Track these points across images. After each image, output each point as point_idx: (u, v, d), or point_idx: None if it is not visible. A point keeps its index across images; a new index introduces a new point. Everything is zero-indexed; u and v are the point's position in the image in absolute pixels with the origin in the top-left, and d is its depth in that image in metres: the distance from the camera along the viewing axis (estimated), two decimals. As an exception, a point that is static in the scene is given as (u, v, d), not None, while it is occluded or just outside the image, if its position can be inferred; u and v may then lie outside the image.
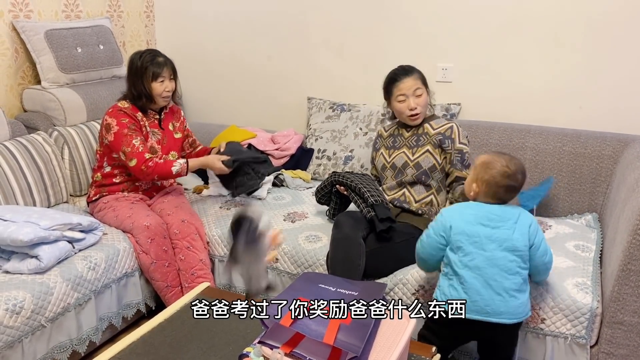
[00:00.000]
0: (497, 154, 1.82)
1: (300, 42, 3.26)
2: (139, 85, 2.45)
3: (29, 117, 2.76)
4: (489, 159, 1.80)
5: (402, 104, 2.29)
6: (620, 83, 2.61)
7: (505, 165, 1.76)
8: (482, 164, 1.80)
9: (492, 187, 1.77)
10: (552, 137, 2.60)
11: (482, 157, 1.83)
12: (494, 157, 1.80)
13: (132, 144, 2.40)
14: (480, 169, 1.80)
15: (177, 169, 2.43)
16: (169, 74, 2.48)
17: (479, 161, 1.82)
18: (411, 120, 2.30)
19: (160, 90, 2.46)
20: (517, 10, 2.72)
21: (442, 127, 2.30)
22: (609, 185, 2.48)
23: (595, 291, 1.93)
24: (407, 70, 2.32)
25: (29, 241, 1.94)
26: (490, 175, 1.77)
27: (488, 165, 1.78)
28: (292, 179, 2.93)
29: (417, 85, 2.27)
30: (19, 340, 1.86)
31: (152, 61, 2.45)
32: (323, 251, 2.24)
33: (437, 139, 2.28)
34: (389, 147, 2.40)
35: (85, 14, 3.14)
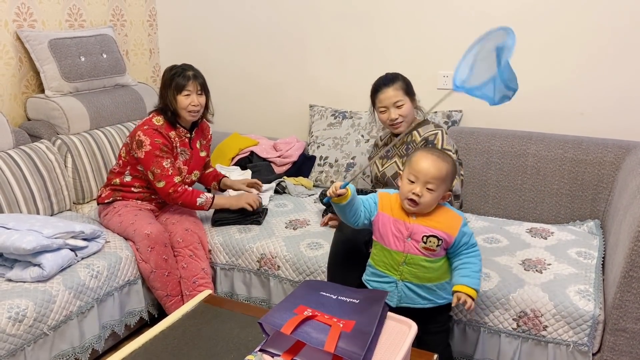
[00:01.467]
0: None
1: (302, 50, 3.27)
2: (166, 97, 2.44)
3: (32, 126, 2.77)
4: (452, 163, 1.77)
5: (383, 115, 2.27)
6: (622, 90, 2.61)
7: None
8: (453, 172, 1.78)
9: None
10: (553, 143, 2.61)
11: (445, 166, 1.75)
12: (448, 158, 1.78)
13: (162, 166, 2.39)
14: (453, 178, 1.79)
15: (201, 202, 2.44)
16: (195, 88, 2.44)
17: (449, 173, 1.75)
18: (393, 128, 2.28)
19: (185, 104, 2.42)
20: (518, 18, 2.73)
21: (428, 133, 2.25)
22: (610, 192, 2.48)
23: (598, 298, 1.93)
24: (389, 79, 2.27)
25: (31, 249, 1.95)
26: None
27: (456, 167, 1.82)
28: (294, 186, 2.94)
29: (398, 97, 2.23)
30: (22, 348, 1.87)
31: (180, 74, 2.44)
32: (325, 258, 2.25)
33: (421, 145, 2.23)
34: (383, 156, 2.38)
35: (89, 23, 3.16)
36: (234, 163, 3.11)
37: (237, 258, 2.42)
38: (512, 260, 2.18)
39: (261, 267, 2.38)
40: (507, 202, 2.69)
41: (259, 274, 2.40)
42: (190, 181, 2.60)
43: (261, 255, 2.37)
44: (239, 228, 2.50)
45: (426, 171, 1.71)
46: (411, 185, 1.73)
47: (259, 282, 2.41)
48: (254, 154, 3.12)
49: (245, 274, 2.43)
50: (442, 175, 1.70)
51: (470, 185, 2.74)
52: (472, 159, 2.74)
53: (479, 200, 2.74)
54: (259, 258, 2.38)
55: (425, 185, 1.71)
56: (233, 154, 3.12)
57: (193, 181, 2.63)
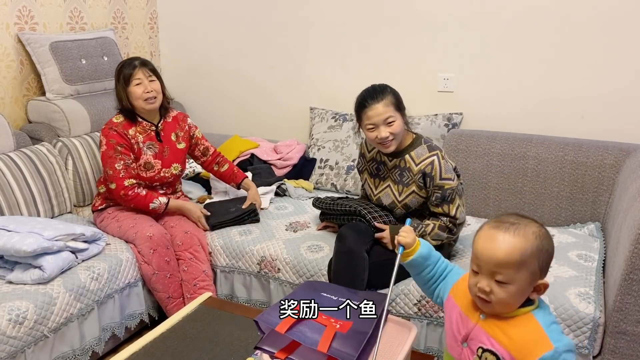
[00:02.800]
0: (501, 223, 1.18)
1: (303, 52, 3.28)
2: (119, 92, 2.45)
3: (33, 128, 2.78)
4: (536, 238, 1.15)
5: (372, 133, 2.07)
6: (622, 93, 2.61)
7: (538, 224, 1.19)
8: (537, 251, 1.15)
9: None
10: (554, 146, 2.61)
11: (520, 244, 1.14)
12: (529, 230, 1.16)
13: (114, 167, 2.39)
14: (539, 258, 1.15)
15: (155, 207, 2.43)
16: (145, 75, 2.41)
17: (527, 253, 1.13)
18: (382, 147, 2.10)
19: (138, 93, 2.39)
20: (519, 21, 2.73)
21: (423, 162, 2.08)
22: (611, 195, 2.48)
23: (598, 301, 1.93)
24: (378, 92, 2.07)
25: (32, 251, 1.95)
26: (552, 251, 1.18)
27: (547, 243, 1.17)
28: (294, 189, 2.94)
29: (388, 113, 2.03)
30: (22, 350, 1.87)
31: (124, 65, 2.43)
32: (325, 261, 2.25)
33: (419, 179, 2.09)
34: (373, 174, 2.26)
35: (90, 25, 3.17)
36: (235, 165, 3.11)
37: (238, 260, 2.42)
38: (512, 262, 2.17)
39: (261, 269, 2.38)
40: (508, 205, 2.69)
41: (259, 277, 2.40)
42: (171, 174, 2.56)
43: (261, 258, 2.37)
44: (239, 230, 2.51)
45: (489, 257, 1.15)
46: (475, 278, 1.20)
47: (259, 285, 2.41)
48: (254, 156, 3.12)
49: (246, 276, 2.43)
50: (516, 260, 1.12)
51: (470, 187, 2.74)
52: (473, 162, 2.74)
53: (479, 203, 2.74)
54: (259, 260, 2.38)
55: (492, 277, 1.16)
56: (234, 157, 3.12)
57: (174, 174, 2.57)
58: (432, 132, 2.87)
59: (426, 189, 2.11)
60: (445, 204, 2.08)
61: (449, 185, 2.07)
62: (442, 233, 2.10)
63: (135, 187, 2.42)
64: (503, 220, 1.18)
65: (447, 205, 2.08)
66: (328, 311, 1.38)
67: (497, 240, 1.14)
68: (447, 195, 2.07)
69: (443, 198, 2.08)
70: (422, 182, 2.10)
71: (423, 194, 2.13)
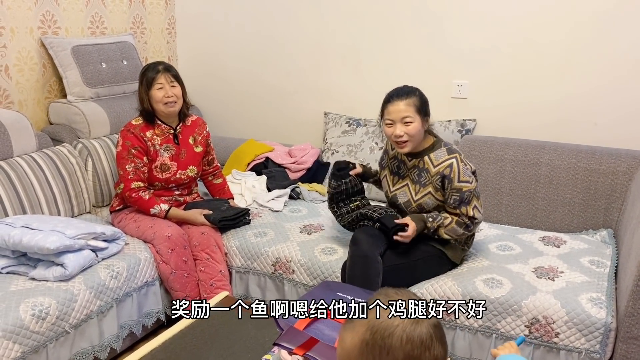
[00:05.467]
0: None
1: (318, 58, 3.33)
2: (141, 95, 2.52)
3: (54, 130, 2.85)
4: (365, 332, 0.90)
5: (389, 129, 2.12)
6: (635, 101, 2.63)
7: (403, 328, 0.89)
8: (367, 350, 0.89)
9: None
10: (567, 153, 2.63)
11: (355, 335, 0.91)
12: (364, 320, 0.91)
13: (124, 169, 2.47)
14: (375, 358, 0.89)
15: (155, 212, 2.48)
16: (167, 80, 2.48)
17: (354, 354, 0.91)
18: (397, 146, 2.14)
19: (159, 97, 2.47)
20: (532, 28, 2.76)
21: (441, 164, 2.11)
22: (624, 202, 2.49)
23: (610, 306, 1.94)
24: (405, 92, 2.11)
25: (55, 249, 2.01)
26: (400, 348, 0.88)
27: (380, 337, 0.89)
28: (308, 192, 2.98)
29: (408, 112, 2.06)
30: (44, 345, 1.92)
31: (148, 69, 2.51)
32: (339, 263, 2.28)
33: (437, 181, 2.12)
34: (394, 172, 2.29)
35: (110, 30, 3.24)
36: (250, 169, 3.16)
37: (253, 261, 2.47)
38: (524, 267, 2.20)
39: (276, 270, 2.42)
40: (520, 211, 2.71)
41: (273, 278, 2.44)
42: (187, 176, 2.61)
43: (276, 259, 2.41)
44: (255, 232, 2.55)
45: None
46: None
47: (274, 286, 2.45)
48: (269, 160, 3.17)
49: (260, 277, 2.47)
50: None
51: (484, 193, 2.76)
52: (486, 168, 2.76)
53: (492, 208, 2.76)
54: (274, 262, 2.42)
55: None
56: (249, 160, 3.17)
57: (190, 177, 2.63)
58: (445, 137, 2.87)
59: (443, 191, 2.14)
60: (463, 206, 2.12)
61: (467, 187, 2.10)
62: (459, 228, 2.14)
63: (140, 190, 2.48)
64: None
65: (465, 207, 2.12)
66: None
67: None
68: (465, 198, 2.10)
69: (461, 200, 2.11)
70: (439, 184, 2.13)
71: (439, 196, 2.16)
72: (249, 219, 2.65)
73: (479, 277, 2.13)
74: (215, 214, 2.55)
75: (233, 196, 2.86)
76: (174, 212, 2.51)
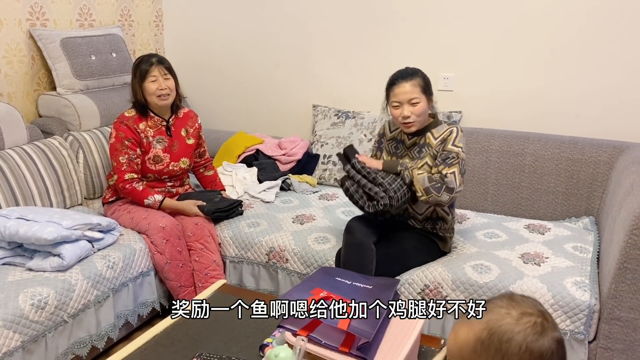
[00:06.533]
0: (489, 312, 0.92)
1: (306, 51, 3.36)
2: (135, 87, 2.54)
3: (44, 122, 2.84)
4: (482, 330, 0.90)
5: (396, 111, 2.16)
6: (616, 93, 2.72)
7: (515, 315, 0.89)
8: (481, 348, 0.89)
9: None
10: (550, 143, 2.71)
11: (471, 331, 0.91)
12: (484, 318, 0.91)
13: (118, 160, 2.49)
14: (488, 358, 0.89)
15: (149, 203, 2.51)
16: (160, 72, 2.50)
17: (467, 349, 0.91)
18: (404, 127, 2.18)
19: (153, 89, 2.49)
20: (516, 22, 2.83)
21: (443, 133, 2.17)
22: (605, 190, 2.59)
23: (593, 289, 2.03)
24: (409, 74, 2.16)
25: (52, 240, 2.02)
26: (517, 355, 0.86)
27: (498, 339, 0.88)
28: (298, 184, 3.02)
29: (414, 94, 2.12)
30: (43, 335, 1.94)
31: (142, 61, 2.52)
32: (332, 252, 2.33)
33: (437, 149, 2.16)
34: (391, 152, 2.31)
35: (98, 22, 3.24)
36: (240, 160, 3.19)
37: (247, 251, 2.50)
38: (511, 254, 2.28)
39: (270, 259, 2.46)
40: (506, 200, 2.79)
41: (267, 267, 2.48)
42: (180, 168, 2.64)
43: (270, 249, 2.45)
44: (248, 223, 2.59)
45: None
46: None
47: (268, 275, 2.50)
48: (259, 152, 3.20)
49: (254, 266, 2.51)
50: (453, 355, 0.96)
51: (470, 183, 2.84)
52: (472, 158, 2.84)
53: (478, 198, 2.84)
54: (267, 251, 2.46)
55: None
56: (239, 152, 3.20)
57: (182, 168, 2.66)
58: (432, 129, 2.97)
59: (437, 154, 2.15)
60: (444, 165, 2.10)
61: (456, 150, 2.11)
62: (427, 182, 2.08)
63: (134, 181, 2.50)
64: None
65: (445, 166, 2.10)
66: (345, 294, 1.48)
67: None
68: (449, 158, 2.10)
69: (445, 159, 2.11)
70: (437, 150, 2.14)
71: (434, 165, 2.15)
72: (242, 210, 2.68)
73: (468, 264, 2.20)
74: (209, 205, 2.58)
75: (225, 188, 2.89)
76: (167, 202, 2.54)
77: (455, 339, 0.93)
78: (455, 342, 0.93)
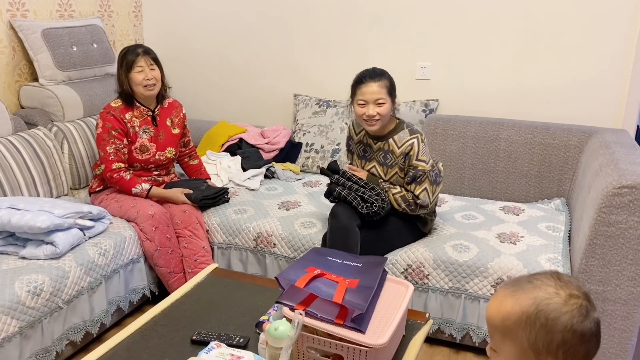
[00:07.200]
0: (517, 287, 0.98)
1: (286, 41, 3.42)
2: (121, 77, 2.57)
3: (27, 113, 2.84)
4: (529, 305, 0.94)
5: (361, 109, 2.23)
6: (584, 81, 2.87)
7: (563, 296, 0.93)
8: (527, 322, 0.93)
9: (575, 350, 0.92)
10: (523, 129, 2.84)
11: (517, 304, 0.95)
12: (531, 294, 0.95)
13: (105, 150, 2.53)
14: (530, 333, 0.93)
15: (137, 192, 2.55)
16: (147, 63, 2.54)
17: (511, 319, 0.95)
18: (367, 125, 2.26)
19: (139, 79, 2.52)
20: (490, 13, 2.95)
21: (404, 144, 2.24)
22: (575, 172, 2.73)
23: (566, 265, 2.16)
24: (376, 74, 2.24)
25: (45, 228, 2.06)
26: (560, 332, 0.92)
27: (545, 316, 0.92)
28: (282, 171, 3.09)
29: (381, 95, 2.19)
30: (39, 320, 1.98)
31: (128, 51, 2.55)
32: (318, 236, 2.42)
33: (401, 161, 2.26)
34: (360, 155, 2.41)
35: (78, 13, 3.24)
36: (224, 149, 3.24)
37: (234, 237, 2.57)
38: (488, 234, 2.40)
39: (257, 245, 2.53)
40: (482, 183, 2.92)
41: (255, 252, 2.55)
42: (166, 157, 2.69)
43: (257, 234, 2.52)
44: (235, 210, 2.65)
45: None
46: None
47: (255, 260, 2.57)
48: (243, 140, 3.26)
49: (242, 252, 2.58)
50: (497, 324, 0.98)
51: (447, 168, 2.95)
52: (449, 144, 2.95)
53: (455, 182, 2.96)
54: (255, 237, 2.53)
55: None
56: (222, 141, 3.25)
57: (168, 158, 2.70)
58: (410, 117, 3.07)
59: (404, 169, 2.28)
60: (414, 184, 2.24)
61: (422, 167, 2.23)
62: (402, 203, 2.26)
63: (121, 170, 2.54)
64: (522, 279, 0.99)
65: (415, 185, 2.24)
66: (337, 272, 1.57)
67: (494, 297, 1.01)
68: (418, 176, 2.23)
69: (414, 177, 2.24)
70: (403, 163, 2.28)
71: (402, 175, 2.30)
72: (228, 198, 2.75)
73: (448, 244, 2.31)
74: (196, 193, 2.63)
75: (210, 177, 2.94)
76: (155, 191, 2.58)
77: (499, 309, 0.97)
78: (498, 311, 0.97)
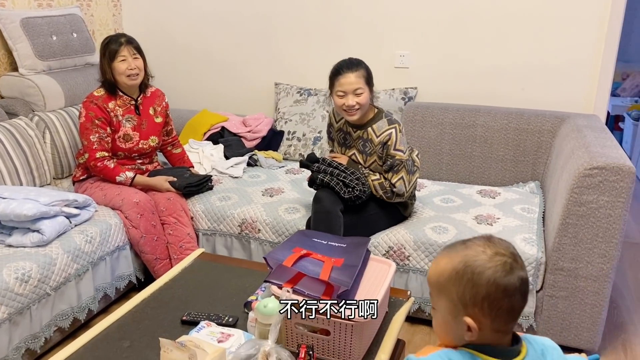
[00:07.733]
0: (451, 249, 1.06)
1: (267, 30, 3.45)
2: (104, 67, 2.58)
3: (7, 103, 2.83)
4: (459, 262, 1.02)
5: (340, 100, 2.27)
6: (557, 68, 2.96)
7: (489, 253, 1.01)
8: (456, 277, 1.01)
9: (499, 303, 0.99)
10: (499, 115, 2.93)
11: (450, 262, 1.04)
12: (462, 253, 1.03)
13: (89, 139, 2.54)
14: (459, 287, 1.01)
15: (121, 180, 2.57)
16: (130, 52, 2.55)
17: (444, 276, 1.03)
18: (347, 114, 2.30)
19: (122, 69, 2.54)
20: (467, 3, 3.02)
21: (383, 133, 2.29)
22: (548, 156, 2.83)
23: (540, 244, 2.26)
24: (353, 64, 2.27)
25: (32, 216, 2.07)
26: (484, 286, 0.99)
27: (471, 271, 1.00)
28: (265, 159, 3.14)
29: (359, 84, 2.23)
30: (27, 307, 2.00)
31: (110, 40, 2.56)
32: (302, 221, 2.47)
33: (380, 150, 2.31)
34: (340, 143, 2.46)
35: (56, 2, 3.22)
36: (206, 138, 3.27)
37: (219, 224, 2.61)
38: (466, 216, 2.48)
39: (242, 231, 2.57)
40: (459, 168, 3.00)
41: (240, 238, 2.60)
42: (149, 146, 2.71)
43: (242, 220, 2.57)
44: (219, 197, 2.69)
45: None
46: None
47: (240, 245, 2.61)
48: (225, 129, 3.29)
49: (227, 238, 2.62)
50: (433, 282, 1.06)
51: (426, 154, 3.03)
52: (428, 131, 3.02)
53: (434, 167, 3.04)
54: (240, 223, 2.57)
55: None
56: (205, 130, 3.28)
57: (151, 146, 2.73)
58: (390, 105, 3.13)
59: (382, 157, 2.34)
60: (391, 172, 2.31)
61: (399, 156, 2.29)
62: (380, 190, 2.34)
63: (105, 159, 2.56)
64: (458, 242, 1.07)
65: (392, 174, 2.31)
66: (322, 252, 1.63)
67: (434, 260, 1.09)
68: (395, 165, 2.29)
69: (391, 166, 2.30)
70: (381, 152, 2.34)
71: (381, 163, 2.36)
72: (212, 185, 2.78)
73: (428, 226, 2.39)
74: (180, 180, 2.66)
75: (193, 165, 2.97)
76: (139, 179, 2.61)
77: (436, 267, 1.06)
78: (435, 269, 1.06)
